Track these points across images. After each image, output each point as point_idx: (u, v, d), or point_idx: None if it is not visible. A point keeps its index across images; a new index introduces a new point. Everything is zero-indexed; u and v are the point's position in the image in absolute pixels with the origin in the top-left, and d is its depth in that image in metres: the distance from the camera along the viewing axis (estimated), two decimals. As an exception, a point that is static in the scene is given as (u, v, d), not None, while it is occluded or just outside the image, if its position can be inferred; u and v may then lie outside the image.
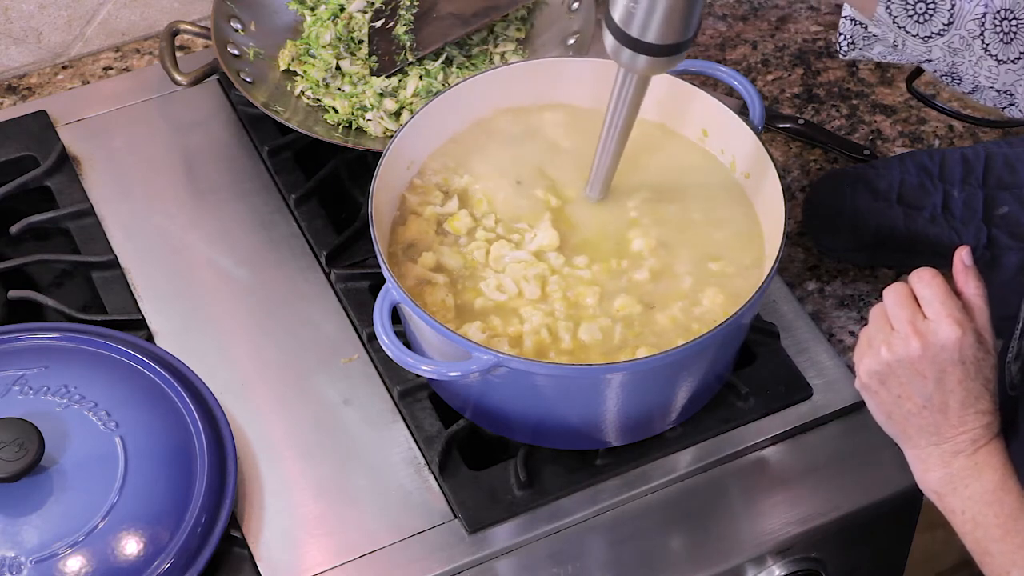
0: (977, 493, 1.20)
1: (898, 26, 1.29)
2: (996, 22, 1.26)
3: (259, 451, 1.39)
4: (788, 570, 1.37)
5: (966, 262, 1.24)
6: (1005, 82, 1.29)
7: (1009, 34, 1.26)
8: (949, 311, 1.20)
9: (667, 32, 1.24)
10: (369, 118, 1.58)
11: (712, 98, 1.42)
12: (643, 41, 1.24)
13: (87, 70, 1.72)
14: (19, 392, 1.34)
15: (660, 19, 1.23)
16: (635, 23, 1.24)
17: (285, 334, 1.48)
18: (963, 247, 1.24)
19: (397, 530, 1.35)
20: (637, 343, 1.32)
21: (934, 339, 1.19)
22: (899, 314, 1.21)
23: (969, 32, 1.27)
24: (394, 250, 1.38)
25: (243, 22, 1.64)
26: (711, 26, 1.76)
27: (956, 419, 1.21)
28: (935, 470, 1.22)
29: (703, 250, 1.39)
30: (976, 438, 1.20)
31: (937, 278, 1.21)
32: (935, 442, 1.22)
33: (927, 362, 1.20)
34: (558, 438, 1.36)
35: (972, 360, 1.20)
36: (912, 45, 1.30)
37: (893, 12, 1.29)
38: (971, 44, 1.28)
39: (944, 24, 1.28)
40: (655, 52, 1.25)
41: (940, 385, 1.20)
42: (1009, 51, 1.27)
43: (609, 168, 1.38)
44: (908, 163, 1.56)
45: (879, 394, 1.24)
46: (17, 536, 1.26)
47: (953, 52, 1.29)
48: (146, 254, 1.54)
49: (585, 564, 1.34)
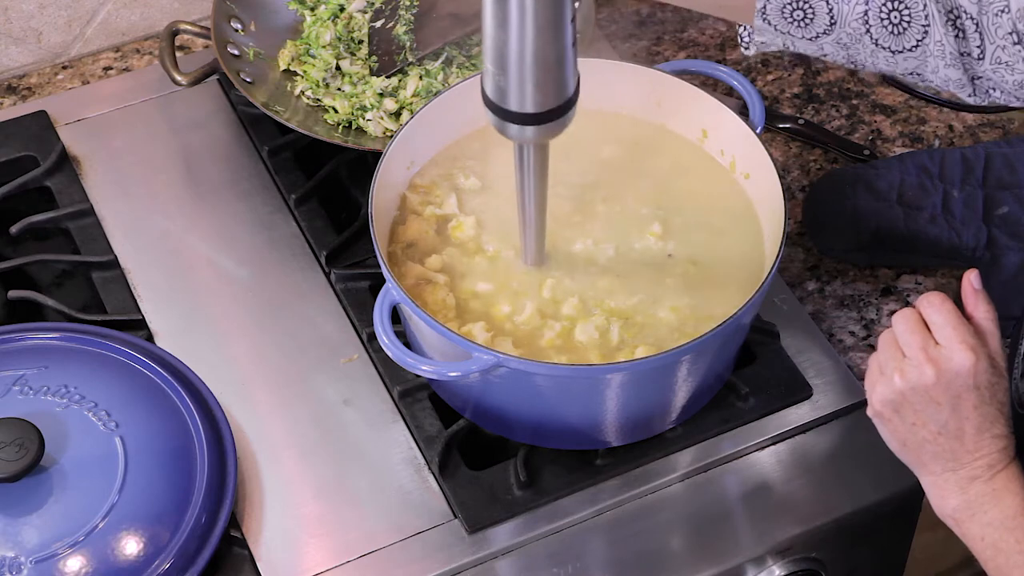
0: (997, 519, 1.18)
1: (781, 32, 1.29)
2: (883, 15, 1.25)
3: (259, 451, 1.39)
4: (788, 570, 1.37)
5: (976, 285, 1.21)
6: (907, 68, 1.28)
7: (900, 25, 1.25)
8: (962, 337, 1.17)
9: (546, 98, 1.15)
10: (369, 118, 1.58)
11: (712, 98, 1.42)
12: (524, 113, 1.16)
13: (87, 70, 1.72)
14: (19, 392, 1.34)
15: (533, 88, 1.14)
16: (510, 97, 1.15)
17: (285, 334, 1.48)
18: (972, 270, 1.22)
19: (397, 530, 1.35)
20: (635, 343, 1.32)
21: (948, 366, 1.17)
22: (910, 340, 1.19)
23: (855, 30, 1.26)
24: (394, 250, 1.38)
25: (243, 22, 1.64)
26: (711, 26, 1.76)
27: (972, 445, 1.18)
28: (952, 497, 1.20)
29: (703, 250, 1.38)
30: (993, 463, 1.18)
31: (947, 303, 1.19)
32: (951, 468, 1.19)
33: (941, 389, 1.18)
34: (558, 438, 1.36)
35: (986, 385, 1.18)
36: (802, 45, 1.30)
37: (772, 21, 1.28)
38: (861, 39, 1.27)
39: (827, 25, 1.27)
40: (540, 120, 1.17)
41: (955, 412, 1.18)
42: (904, 40, 1.26)
43: (537, 237, 1.33)
44: (908, 163, 1.56)
45: (893, 422, 1.21)
46: (17, 536, 1.26)
47: (845, 47, 1.28)
48: (146, 254, 1.54)
49: (585, 564, 1.34)
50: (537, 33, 1.11)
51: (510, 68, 1.13)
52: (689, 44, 1.74)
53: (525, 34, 1.11)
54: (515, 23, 1.10)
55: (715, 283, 1.36)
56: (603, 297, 1.35)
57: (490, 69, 1.15)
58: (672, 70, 1.44)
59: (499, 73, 1.14)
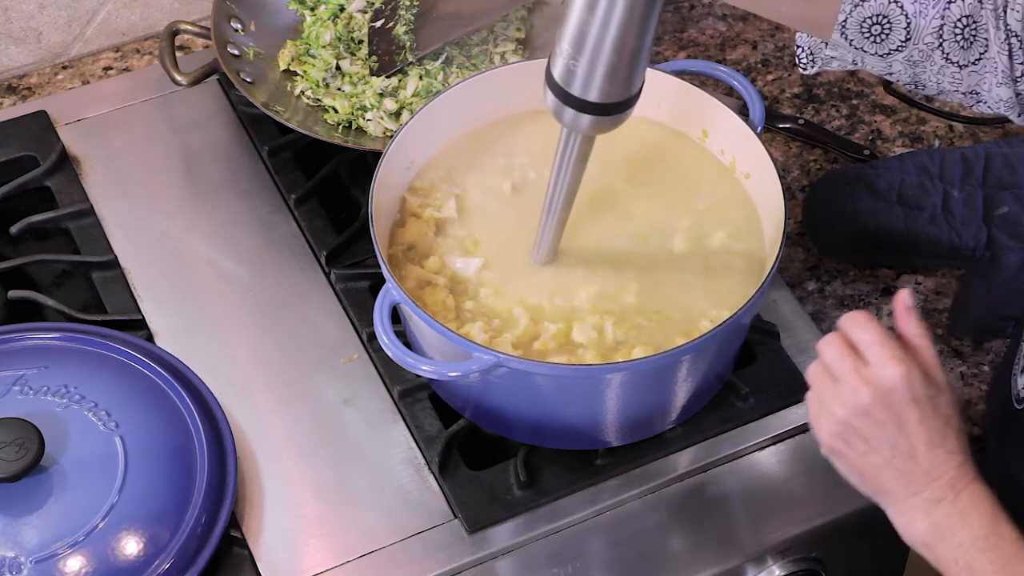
0: (968, 540, 1.15)
1: (855, 47, 1.29)
2: (957, 31, 1.25)
3: (259, 451, 1.39)
4: (788, 570, 1.37)
5: (907, 303, 1.19)
6: (969, 84, 1.28)
7: (968, 39, 1.25)
8: (891, 352, 1.15)
9: (611, 90, 1.17)
10: (369, 118, 1.58)
11: (712, 98, 1.42)
12: (586, 100, 1.18)
13: (87, 70, 1.72)
14: (19, 392, 1.34)
15: (603, 76, 1.16)
16: (576, 81, 1.17)
17: (285, 334, 1.48)
18: (904, 289, 1.20)
19: (397, 530, 1.35)
20: (633, 343, 1.32)
21: (881, 382, 1.15)
22: (841, 365, 1.16)
23: (928, 45, 1.26)
24: (394, 251, 1.38)
25: (243, 22, 1.64)
26: (711, 26, 1.76)
27: (927, 463, 1.16)
28: (919, 521, 1.17)
29: (702, 250, 1.38)
30: (954, 482, 1.16)
31: (871, 320, 1.17)
32: (914, 491, 1.17)
33: (881, 408, 1.15)
34: (558, 438, 1.36)
35: (925, 398, 1.15)
36: (871, 62, 1.30)
37: (849, 36, 1.28)
38: (931, 55, 1.27)
39: (901, 41, 1.27)
40: (599, 111, 1.19)
41: (902, 429, 1.15)
42: (969, 54, 1.26)
43: (556, 232, 1.33)
44: (908, 163, 1.56)
45: (846, 454, 1.19)
46: (17, 536, 1.26)
47: (913, 64, 1.29)
48: (146, 254, 1.54)
49: (585, 564, 1.34)
50: (623, 23, 1.13)
51: (585, 51, 1.15)
52: (689, 44, 1.74)
53: (611, 21, 1.13)
54: (603, 7, 1.13)
55: (715, 283, 1.36)
56: (601, 297, 1.35)
57: (566, 49, 1.16)
58: (672, 70, 1.44)
59: (574, 55, 1.15)
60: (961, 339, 1.50)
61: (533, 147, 1.46)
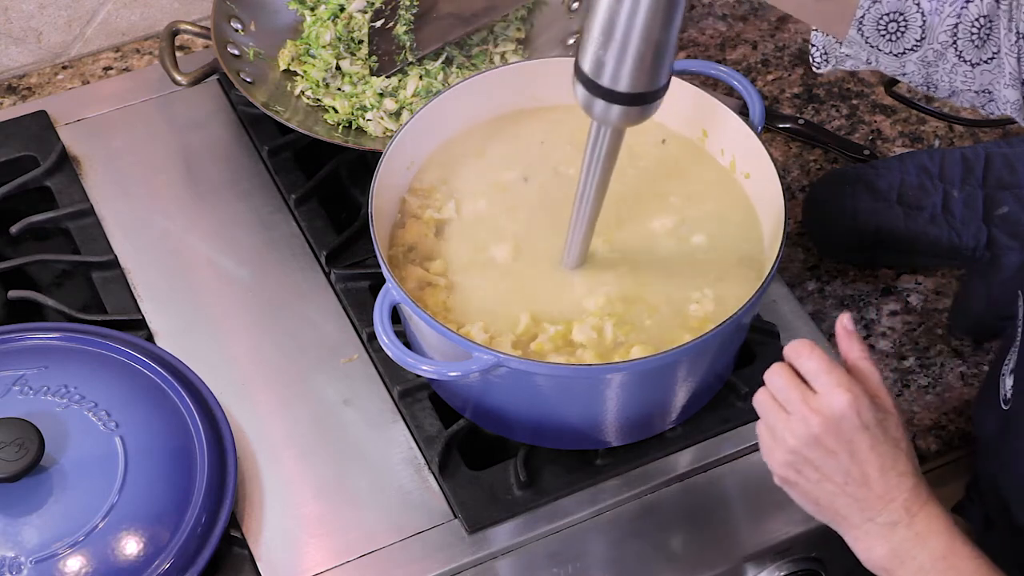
0: (927, 562, 1.16)
1: (871, 45, 1.29)
2: (973, 30, 1.25)
3: (259, 451, 1.40)
4: (788, 570, 1.37)
5: (848, 327, 1.20)
6: (982, 83, 1.29)
7: (982, 37, 1.26)
8: (837, 380, 1.15)
9: (640, 80, 1.17)
10: (369, 118, 1.58)
11: (712, 98, 1.42)
12: (615, 91, 1.18)
13: (87, 70, 1.72)
14: (19, 392, 1.34)
15: (632, 66, 1.16)
16: (606, 72, 1.17)
17: (285, 334, 1.48)
18: (844, 313, 1.21)
19: (397, 530, 1.35)
20: (632, 343, 1.32)
21: (830, 412, 1.15)
22: (789, 396, 1.17)
23: (942, 44, 1.26)
24: (395, 253, 1.38)
25: (243, 22, 1.64)
26: (711, 26, 1.76)
27: (880, 488, 1.17)
28: (878, 547, 1.18)
29: (702, 249, 1.38)
30: (908, 505, 1.17)
31: (815, 349, 1.17)
32: (868, 516, 1.18)
33: (832, 437, 1.16)
34: (558, 438, 1.36)
35: (874, 423, 1.16)
36: (886, 61, 1.30)
37: (865, 33, 1.28)
38: (944, 54, 1.27)
39: (916, 40, 1.27)
40: (629, 102, 1.19)
41: (854, 457, 1.16)
42: (983, 53, 1.26)
43: (587, 233, 1.33)
44: (908, 163, 1.56)
45: (800, 484, 1.20)
46: (17, 536, 1.26)
47: (927, 64, 1.29)
48: (146, 254, 1.54)
49: (585, 564, 1.34)
50: (652, 11, 1.13)
51: (614, 41, 1.15)
52: (689, 44, 1.74)
53: (639, 8, 1.13)
54: None
55: (714, 283, 1.36)
56: (601, 296, 1.35)
57: (595, 39, 1.16)
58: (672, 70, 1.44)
59: (603, 45, 1.15)
60: (961, 339, 1.50)
61: (534, 148, 1.46)
